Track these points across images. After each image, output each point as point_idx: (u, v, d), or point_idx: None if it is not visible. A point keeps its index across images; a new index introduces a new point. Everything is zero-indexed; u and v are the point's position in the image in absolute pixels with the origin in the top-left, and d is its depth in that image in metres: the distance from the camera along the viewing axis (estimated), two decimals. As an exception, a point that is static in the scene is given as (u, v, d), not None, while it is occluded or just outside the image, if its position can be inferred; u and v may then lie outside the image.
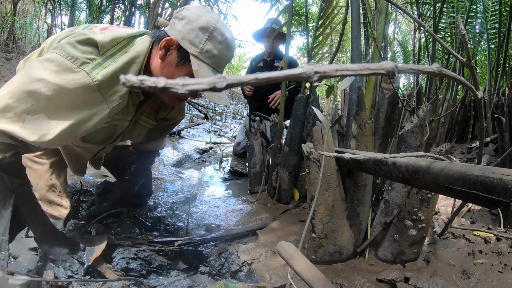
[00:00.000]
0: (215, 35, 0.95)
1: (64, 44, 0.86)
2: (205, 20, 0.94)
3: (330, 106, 7.92)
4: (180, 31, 0.94)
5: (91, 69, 0.85)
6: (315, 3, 8.22)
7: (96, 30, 0.93)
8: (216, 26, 0.95)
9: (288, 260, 0.74)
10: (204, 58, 0.96)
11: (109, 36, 0.90)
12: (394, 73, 0.28)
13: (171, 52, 0.97)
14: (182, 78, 0.23)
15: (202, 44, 0.94)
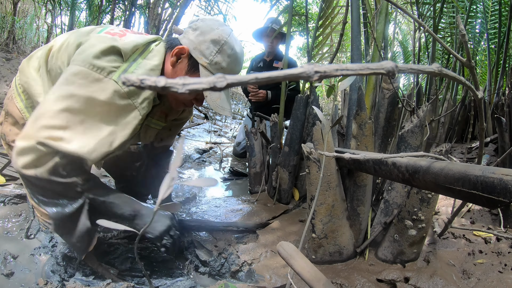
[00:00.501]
0: (225, 48, 0.99)
1: (88, 56, 0.86)
2: (217, 33, 0.97)
3: (330, 106, 7.92)
4: (192, 41, 0.98)
5: (119, 77, 0.86)
6: (315, 3, 8.23)
7: (116, 38, 0.94)
8: (227, 40, 0.99)
9: (288, 260, 0.74)
10: (213, 70, 1.00)
11: (131, 43, 0.92)
12: (394, 73, 0.28)
13: (182, 60, 1.00)
14: (182, 78, 0.23)
15: (212, 56, 0.98)
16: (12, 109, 1.13)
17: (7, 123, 1.17)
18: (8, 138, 1.18)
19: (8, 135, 1.18)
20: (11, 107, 1.13)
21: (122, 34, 0.98)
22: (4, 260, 1.09)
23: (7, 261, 1.09)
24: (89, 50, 0.87)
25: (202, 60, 0.98)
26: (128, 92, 0.88)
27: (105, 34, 0.96)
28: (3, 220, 1.30)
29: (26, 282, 1.04)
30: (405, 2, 3.22)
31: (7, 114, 1.16)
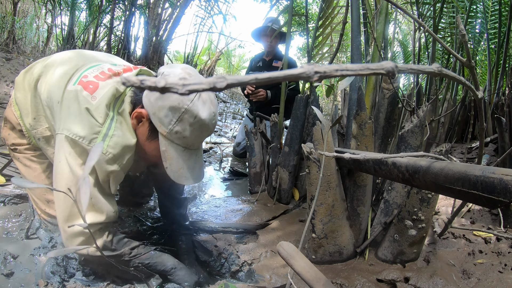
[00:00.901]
0: (186, 117, 0.88)
1: (69, 126, 0.90)
2: (176, 99, 0.86)
3: (330, 106, 7.92)
4: (152, 105, 0.89)
5: (101, 141, 0.89)
6: (315, 3, 8.23)
7: (88, 99, 0.92)
8: (188, 108, 0.87)
9: (288, 260, 0.74)
10: (174, 139, 0.91)
11: (102, 106, 0.91)
12: (394, 73, 0.28)
13: (143, 123, 0.94)
14: (183, 78, 0.23)
15: (171, 125, 0.88)
16: (10, 116, 1.19)
17: (6, 128, 1.22)
18: (8, 142, 1.22)
19: (7, 139, 1.22)
20: (9, 114, 1.19)
21: (94, 87, 0.94)
22: (4, 260, 1.09)
23: (7, 261, 1.09)
24: (72, 123, 0.90)
25: (161, 128, 0.89)
26: (112, 157, 0.91)
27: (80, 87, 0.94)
28: (3, 220, 1.30)
29: (26, 282, 1.04)
30: (405, 2, 3.22)
31: (6, 119, 1.21)
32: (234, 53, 12.07)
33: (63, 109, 0.94)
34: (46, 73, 1.08)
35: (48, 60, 1.14)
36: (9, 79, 3.36)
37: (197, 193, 2.10)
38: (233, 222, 1.62)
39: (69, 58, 1.10)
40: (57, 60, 1.10)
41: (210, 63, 8.68)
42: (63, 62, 1.07)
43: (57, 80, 1.00)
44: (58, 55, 1.14)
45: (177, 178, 0.95)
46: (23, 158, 1.22)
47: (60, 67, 1.05)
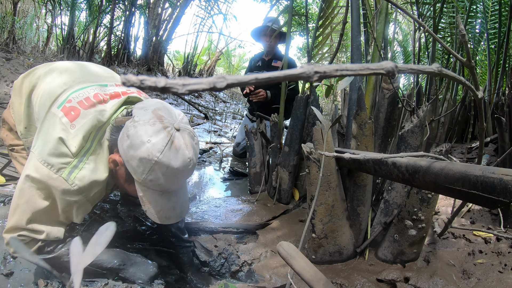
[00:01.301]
0: (157, 168, 0.86)
1: (42, 150, 0.88)
2: (146, 150, 0.84)
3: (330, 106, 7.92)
4: (125, 153, 0.87)
5: (68, 173, 0.87)
6: (315, 3, 8.23)
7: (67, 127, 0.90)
8: (158, 160, 0.84)
9: (288, 260, 0.74)
10: (149, 186, 0.90)
11: (80, 134, 0.89)
12: (394, 73, 0.28)
13: (120, 167, 0.93)
14: (182, 78, 0.23)
15: (144, 174, 0.87)
16: (7, 117, 1.21)
17: (4, 129, 1.24)
18: (5, 143, 1.25)
19: (5, 140, 1.24)
20: (7, 115, 1.21)
21: (76, 114, 0.92)
22: (4, 260, 1.09)
23: (7, 261, 1.09)
24: (43, 146, 0.89)
25: (136, 175, 0.88)
26: (78, 189, 0.89)
27: (61, 113, 0.92)
28: (3, 220, 1.30)
29: (25, 282, 1.04)
30: (405, 2, 3.22)
31: (3, 121, 1.24)
32: (234, 53, 12.08)
33: (42, 130, 0.93)
34: (39, 85, 1.07)
35: (42, 71, 1.12)
36: (9, 79, 3.36)
37: (197, 193, 2.10)
38: (233, 222, 1.62)
39: (62, 74, 1.06)
40: (52, 73, 1.09)
41: (210, 63, 8.69)
42: (55, 78, 1.05)
43: (44, 98, 0.99)
44: (56, 66, 1.12)
45: (158, 219, 0.94)
46: (21, 158, 1.24)
47: (51, 82, 1.03)
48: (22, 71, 3.68)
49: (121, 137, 0.89)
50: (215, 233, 1.53)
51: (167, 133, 0.87)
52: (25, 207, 0.89)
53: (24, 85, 1.14)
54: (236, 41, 8.97)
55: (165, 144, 0.85)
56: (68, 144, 0.88)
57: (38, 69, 1.16)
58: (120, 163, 0.91)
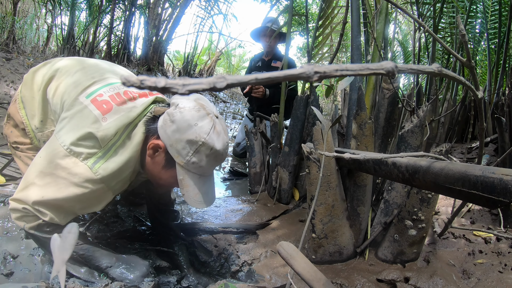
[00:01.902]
0: (203, 149, 0.92)
1: (68, 138, 0.90)
2: (194, 133, 0.90)
3: (330, 106, 7.92)
4: (169, 137, 0.92)
5: (93, 163, 0.90)
6: (315, 3, 8.23)
7: (99, 118, 0.92)
8: (205, 141, 0.91)
9: (288, 260, 0.74)
10: (190, 168, 0.95)
11: (112, 129, 0.92)
12: (394, 73, 0.28)
13: (159, 153, 0.96)
14: (182, 78, 0.23)
15: (188, 156, 0.92)
16: (14, 113, 1.16)
17: (9, 125, 1.19)
18: (9, 139, 1.20)
19: (10, 136, 1.20)
20: (13, 110, 1.16)
21: (108, 108, 0.93)
22: (4, 260, 1.09)
23: (7, 261, 1.09)
24: (69, 133, 0.90)
25: (179, 159, 0.93)
26: (101, 178, 0.91)
27: (92, 105, 0.94)
28: (3, 220, 1.30)
29: (25, 282, 1.04)
30: (405, 2, 3.22)
31: (9, 116, 1.18)
32: (234, 53, 12.08)
33: (68, 117, 0.94)
34: (58, 78, 1.07)
35: (59, 63, 1.12)
36: (9, 79, 3.36)
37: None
38: (233, 222, 1.62)
39: (86, 68, 1.08)
40: (73, 68, 1.08)
41: (210, 63, 8.69)
42: (79, 71, 1.06)
43: (70, 89, 1.01)
44: (72, 61, 1.12)
45: (193, 203, 0.99)
46: (25, 157, 1.21)
47: (75, 75, 1.04)
48: (22, 71, 3.68)
49: (163, 124, 0.93)
50: (215, 233, 1.53)
51: (210, 118, 0.94)
52: (39, 189, 0.90)
53: (36, 78, 1.11)
54: (236, 41, 8.98)
55: (210, 128, 0.92)
56: (98, 135, 0.90)
57: (49, 63, 1.14)
58: (162, 148, 0.94)
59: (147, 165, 1.01)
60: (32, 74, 1.13)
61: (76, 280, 1.03)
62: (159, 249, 1.35)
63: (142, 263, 1.10)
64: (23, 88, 1.14)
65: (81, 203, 0.95)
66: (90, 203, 0.97)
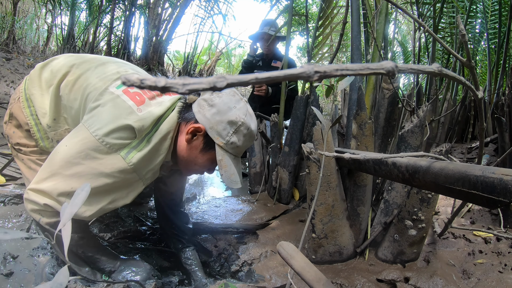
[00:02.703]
0: (242, 129, 0.99)
1: (100, 128, 0.89)
2: (234, 114, 0.97)
3: (330, 106, 7.92)
4: (209, 120, 0.97)
5: (127, 153, 0.91)
6: (315, 3, 8.23)
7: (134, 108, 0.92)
8: (244, 121, 0.98)
9: (288, 260, 0.74)
10: (228, 149, 1.01)
11: (149, 119, 0.93)
12: (394, 73, 0.28)
13: (198, 137, 1.00)
14: (183, 78, 0.23)
15: (228, 137, 0.98)
16: (17, 112, 1.11)
17: (11, 125, 1.15)
18: (11, 140, 1.16)
19: (12, 137, 1.15)
20: (16, 110, 1.11)
21: (141, 100, 0.95)
22: (4, 260, 1.09)
23: (7, 261, 1.09)
24: (103, 123, 0.89)
25: (219, 140, 0.98)
26: (134, 167, 0.92)
27: (125, 96, 0.94)
28: (3, 220, 1.30)
29: (25, 282, 1.04)
30: (405, 2, 3.22)
31: (11, 116, 1.13)
32: (234, 53, 12.08)
33: (98, 107, 0.93)
34: (75, 73, 1.04)
35: (73, 59, 1.09)
36: (9, 79, 3.36)
37: (197, 193, 2.10)
38: (233, 222, 1.62)
39: (107, 64, 1.07)
40: (92, 63, 1.06)
41: (210, 63, 8.68)
42: (100, 66, 1.05)
43: (95, 81, 1.00)
44: (87, 57, 1.10)
45: (230, 183, 1.03)
46: (28, 161, 1.16)
47: (98, 70, 1.03)
48: (22, 71, 3.68)
49: (201, 109, 0.98)
50: (215, 233, 1.53)
51: (244, 102, 1.02)
52: (66, 180, 0.89)
53: (44, 75, 1.08)
54: (236, 41, 8.98)
55: (246, 110, 1.00)
56: (135, 126, 0.91)
57: (57, 59, 1.11)
58: (201, 131, 0.98)
59: (182, 151, 1.03)
60: (39, 70, 1.09)
61: (77, 280, 1.03)
62: (161, 249, 1.35)
63: (144, 267, 1.11)
64: (29, 85, 1.09)
65: (111, 194, 0.94)
66: (120, 195, 0.96)
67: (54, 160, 0.91)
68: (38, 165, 1.17)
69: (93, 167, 0.89)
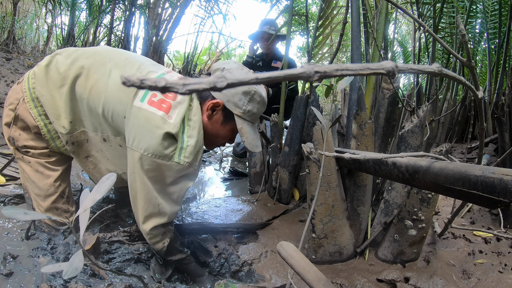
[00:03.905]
0: (255, 97, 1.08)
1: (149, 147, 0.98)
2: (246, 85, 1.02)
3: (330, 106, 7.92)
4: (225, 94, 1.05)
5: (178, 156, 1.02)
6: (315, 3, 8.23)
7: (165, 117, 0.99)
8: (256, 90, 1.06)
9: (288, 260, 0.74)
10: (246, 117, 1.10)
11: (178, 121, 1.01)
12: (394, 73, 0.28)
13: (217, 112, 1.09)
14: (183, 78, 0.23)
15: (244, 106, 1.07)
16: (24, 114, 1.08)
17: (15, 127, 1.11)
18: (17, 143, 1.12)
19: (18, 140, 1.11)
20: (23, 111, 1.08)
21: (167, 106, 1.01)
22: (3, 260, 1.09)
23: (7, 261, 1.09)
24: (148, 141, 0.99)
25: (237, 110, 1.07)
26: (189, 164, 1.04)
27: (152, 108, 0.99)
28: (3, 220, 1.30)
29: (25, 282, 1.04)
30: (405, 2, 3.22)
31: (17, 118, 1.09)
32: (234, 53, 12.07)
33: (134, 126, 1.00)
34: (92, 80, 1.04)
35: (78, 57, 1.06)
36: (9, 79, 3.36)
37: (197, 193, 2.10)
38: (233, 222, 1.62)
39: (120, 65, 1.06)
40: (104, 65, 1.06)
41: (210, 63, 8.68)
42: (114, 69, 1.05)
43: (116, 92, 1.02)
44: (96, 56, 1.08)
45: (252, 148, 1.15)
46: (36, 163, 1.14)
47: (112, 75, 1.03)
48: (22, 71, 3.68)
49: None
50: (215, 233, 1.53)
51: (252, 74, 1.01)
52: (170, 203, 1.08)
53: (50, 74, 1.05)
54: (236, 41, 8.97)
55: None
56: (172, 132, 0.99)
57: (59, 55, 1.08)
58: (220, 105, 1.06)
59: (206, 127, 1.11)
60: (45, 69, 1.06)
61: (78, 281, 1.03)
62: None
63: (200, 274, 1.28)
64: (36, 85, 1.06)
65: (181, 187, 1.10)
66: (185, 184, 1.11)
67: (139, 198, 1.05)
68: (46, 168, 1.16)
69: (161, 180, 1.04)
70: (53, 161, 1.17)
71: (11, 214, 0.52)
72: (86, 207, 0.59)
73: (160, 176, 1.03)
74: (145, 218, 1.07)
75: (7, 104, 1.12)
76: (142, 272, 1.21)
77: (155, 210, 1.06)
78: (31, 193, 1.18)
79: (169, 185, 1.06)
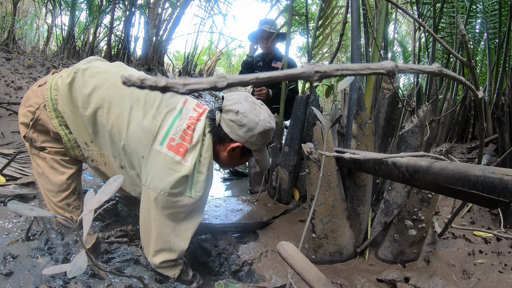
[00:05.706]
0: (270, 133, 1.16)
1: (164, 188, 1.05)
2: (262, 126, 1.11)
3: (330, 106, 7.92)
4: (243, 137, 1.12)
5: (190, 190, 1.09)
6: (315, 3, 8.23)
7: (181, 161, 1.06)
8: (270, 126, 1.13)
9: (288, 260, 0.74)
10: (261, 147, 1.20)
11: (193, 162, 1.08)
12: (394, 72, 0.28)
13: (236, 150, 1.17)
14: (183, 78, 0.23)
15: (261, 142, 1.16)
16: (45, 120, 1.12)
17: (34, 129, 1.14)
18: (35, 144, 1.15)
19: (36, 141, 1.15)
20: (44, 117, 1.11)
21: (184, 150, 1.07)
22: (3, 260, 1.09)
23: (7, 261, 1.09)
24: (164, 182, 1.05)
25: (254, 147, 1.17)
26: (201, 196, 1.11)
27: (171, 152, 1.06)
28: (3, 220, 1.30)
29: (25, 282, 1.04)
30: (405, 2, 3.22)
31: (37, 121, 1.12)
32: (234, 53, 12.07)
33: (153, 168, 1.06)
34: (114, 115, 1.08)
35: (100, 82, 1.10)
36: (9, 79, 3.36)
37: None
38: (233, 222, 1.62)
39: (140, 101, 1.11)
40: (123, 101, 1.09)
41: (210, 63, 8.68)
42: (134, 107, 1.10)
43: (137, 132, 1.08)
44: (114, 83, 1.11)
45: (265, 168, 1.28)
46: (51, 160, 1.17)
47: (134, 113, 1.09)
48: (22, 71, 3.68)
49: (232, 130, 1.13)
50: (215, 233, 1.53)
51: (263, 110, 1.16)
52: (181, 238, 1.12)
53: (74, 95, 1.08)
54: (236, 41, 8.97)
55: (267, 116, 1.15)
56: (188, 174, 1.07)
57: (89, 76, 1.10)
58: (238, 148, 1.15)
59: (225, 161, 1.21)
60: (68, 87, 1.08)
61: (78, 281, 1.03)
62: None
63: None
64: (60, 101, 1.09)
65: (193, 221, 1.16)
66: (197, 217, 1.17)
67: (152, 232, 1.11)
68: (61, 165, 1.19)
69: (172, 217, 1.10)
70: (68, 160, 1.21)
71: (17, 208, 0.52)
72: (91, 208, 0.59)
73: (175, 213, 1.09)
74: (156, 252, 1.11)
75: (25, 104, 1.14)
76: (142, 272, 1.21)
77: (165, 246, 1.11)
78: (42, 189, 1.21)
79: (181, 221, 1.13)
